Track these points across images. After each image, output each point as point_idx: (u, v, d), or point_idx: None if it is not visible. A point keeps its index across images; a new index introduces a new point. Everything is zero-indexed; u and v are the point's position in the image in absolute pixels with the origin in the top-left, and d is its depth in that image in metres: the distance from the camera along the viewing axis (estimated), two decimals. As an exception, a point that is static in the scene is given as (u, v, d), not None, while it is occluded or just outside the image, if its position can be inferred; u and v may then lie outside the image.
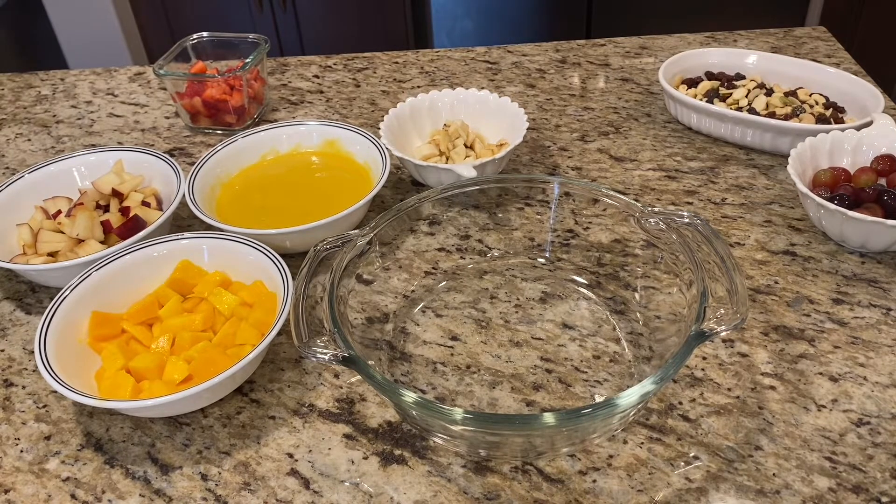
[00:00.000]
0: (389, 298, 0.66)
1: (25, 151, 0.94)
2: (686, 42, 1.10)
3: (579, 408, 0.48)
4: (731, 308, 0.51)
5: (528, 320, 0.63)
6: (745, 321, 0.50)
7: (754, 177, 0.80)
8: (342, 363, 0.50)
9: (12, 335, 0.66)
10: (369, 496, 0.51)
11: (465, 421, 0.47)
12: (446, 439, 0.52)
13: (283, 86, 1.05)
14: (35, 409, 0.59)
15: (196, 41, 0.99)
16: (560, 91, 0.99)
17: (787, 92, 0.86)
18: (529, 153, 0.86)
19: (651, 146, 0.86)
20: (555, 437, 0.50)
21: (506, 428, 0.49)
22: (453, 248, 0.71)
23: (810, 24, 2.20)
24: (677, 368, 0.47)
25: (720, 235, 0.59)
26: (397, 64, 1.10)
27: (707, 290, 0.52)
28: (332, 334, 0.51)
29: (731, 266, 0.53)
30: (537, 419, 0.47)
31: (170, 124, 0.98)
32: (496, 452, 0.52)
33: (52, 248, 0.69)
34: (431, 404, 0.48)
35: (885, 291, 0.64)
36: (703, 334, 0.49)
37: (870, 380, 0.56)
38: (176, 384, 0.55)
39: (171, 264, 0.64)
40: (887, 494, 0.49)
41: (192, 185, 0.72)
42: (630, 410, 0.49)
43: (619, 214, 0.64)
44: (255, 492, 0.51)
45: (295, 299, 0.54)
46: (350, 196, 0.71)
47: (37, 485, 0.53)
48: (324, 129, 0.82)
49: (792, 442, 0.52)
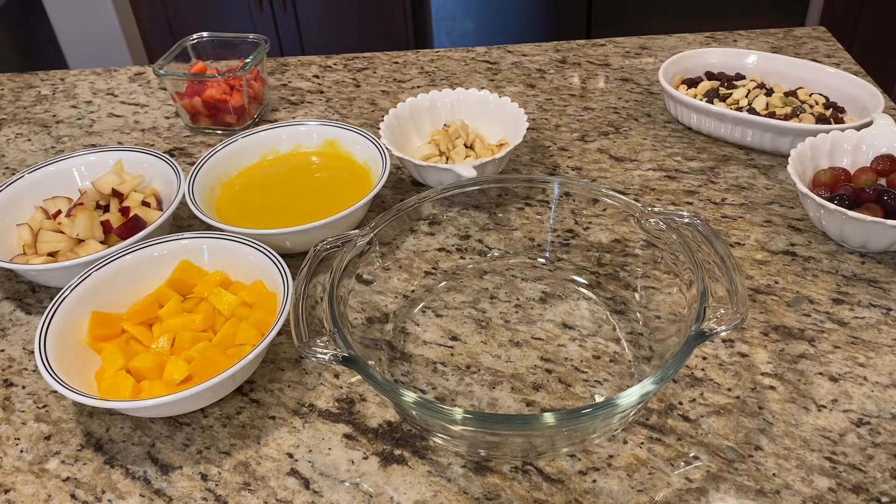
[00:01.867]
0: (389, 298, 0.66)
1: (25, 151, 0.94)
2: (686, 42, 1.10)
3: (579, 408, 0.48)
4: (731, 308, 0.51)
5: (528, 320, 0.63)
6: (745, 321, 0.50)
7: (754, 177, 0.80)
8: (342, 363, 0.50)
9: (12, 335, 0.66)
10: (369, 496, 0.51)
11: (464, 421, 0.47)
12: (446, 439, 0.52)
13: (283, 86, 1.05)
14: (35, 409, 0.59)
15: (196, 41, 0.99)
16: (560, 91, 0.99)
17: (787, 92, 0.86)
18: (529, 153, 0.86)
19: (651, 146, 0.86)
20: (555, 438, 0.50)
21: (506, 428, 0.49)
22: (453, 248, 0.71)
23: (810, 24, 2.20)
24: (677, 368, 0.47)
25: (720, 235, 0.59)
26: (397, 64, 1.10)
27: (707, 290, 0.52)
28: (332, 334, 0.51)
29: (731, 266, 0.53)
30: (537, 419, 0.47)
31: (170, 124, 0.98)
32: (496, 452, 0.52)
33: (52, 248, 0.69)
34: (431, 404, 0.48)
35: (885, 291, 0.64)
36: (703, 334, 0.49)
37: (870, 380, 0.56)
38: (176, 384, 0.55)
39: (171, 264, 0.64)
40: (887, 494, 0.49)
41: (192, 185, 0.72)
42: (630, 410, 0.49)
43: (619, 214, 0.64)
44: (255, 492, 0.51)
45: (295, 299, 0.54)
46: (350, 196, 0.71)
47: (37, 485, 0.53)
48: (324, 129, 0.82)
49: (792, 442, 0.52)
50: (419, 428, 0.53)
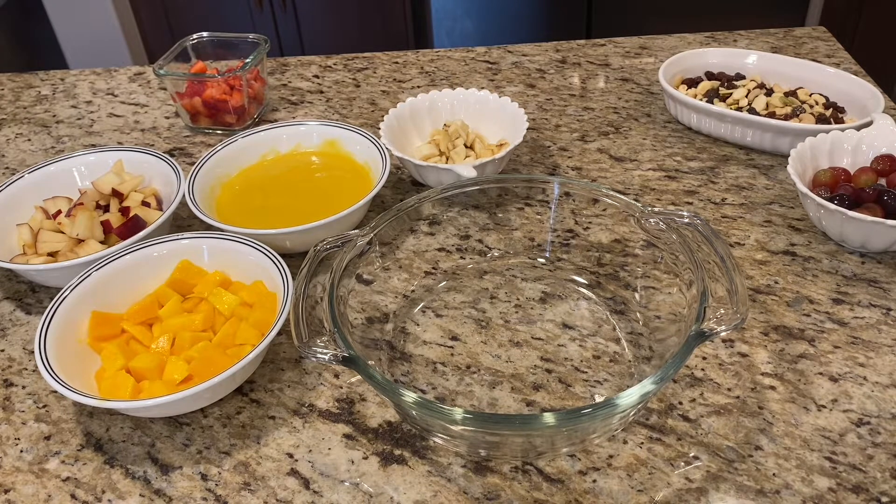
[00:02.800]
0: (389, 298, 0.66)
1: (25, 151, 0.94)
2: (686, 42, 1.10)
3: (579, 408, 0.48)
4: (731, 308, 0.51)
5: (528, 320, 0.63)
6: (745, 321, 0.50)
7: (754, 177, 0.80)
8: (342, 363, 0.50)
9: (12, 335, 0.66)
10: (369, 496, 0.51)
11: (465, 421, 0.47)
12: (446, 439, 0.52)
13: (283, 86, 1.05)
14: (35, 409, 0.59)
15: (196, 41, 0.99)
16: (560, 91, 0.99)
17: (787, 92, 0.87)
18: (529, 153, 0.86)
19: (651, 146, 0.86)
20: (555, 437, 0.50)
21: (506, 428, 0.49)
22: (453, 248, 0.71)
23: (810, 24, 2.20)
24: (677, 368, 0.47)
25: (720, 235, 0.59)
26: (397, 64, 1.10)
27: (707, 290, 0.52)
28: (333, 334, 0.51)
29: (731, 266, 0.53)
30: (537, 419, 0.47)
31: (170, 124, 0.98)
32: (496, 452, 0.52)
33: (52, 248, 0.69)
34: (431, 404, 0.48)
35: (885, 291, 0.64)
36: (703, 334, 0.49)
37: (870, 380, 0.56)
38: (176, 384, 0.55)
39: (171, 264, 0.64)
40: (887, 494, 0.49)
41: (192, 185, 0.72)
42: (630, 410, 0.49)
43: (619, 214, 0.64)
44: (255, 492, 0.51)
45: (295, 299, 0.54)
46: (350, 196, 0.71)
47: (37, 485, 0.53)
48: (324, 129, 0.82)
49: (792, 442, 0.52)
50: (419, 428, 0.53)
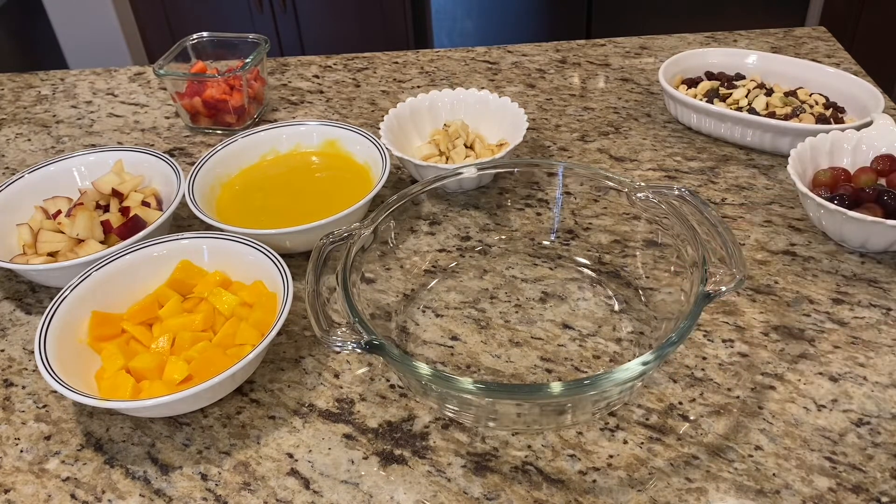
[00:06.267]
0: (390, 297, 0.66)
1: (25, 151, 0.94)
2: (686, 42, 1.10)
3: (586, 377, 0.48)
4: (730, 269, 0.53)
5: (528, 320, 0.63)
6: (745, 279, 0.52)
7: (754, 177, 0.80)
8: (368, 350, 0.50)
9: (12, 335, 0.66)
10: (369, 496, 0.51)
11: (479, 391, 0.48)
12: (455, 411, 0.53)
13: (283, 86, 1.05)
14: (35, 409, 0.59)
15: (196, 41, 0.99)
16: (560, 91, 0.99)
17: (787, 92, 0.86)
18: (529, 153, 0.86)
19: (651, 146, 0.86)
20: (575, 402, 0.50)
21: (517, 397, 0.50)
22: (453, 248, 0.71)
23: (810, 24, 2.20)
24: (690, 329, 0.49)
25: (709, 203, 0.61)
26: (397, 64, 1.10)
27: (706, 253, 0.54)
28: (353, 324, 0.52)
29: (724, 231, 0.56)
30: (545, 388, 0.47)
31: (170, 124, 0.98)
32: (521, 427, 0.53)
33: (52, 248, 0.69)
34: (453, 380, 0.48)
35: (885, 291, 0.64)
36: (709, 295, 0.51)
37: (870, 380, 0.56)
38: (176, 384, 0.55)
39: (171, 264, 0.64)
40: (887, 494, 0.49)
41: (192, 185, 0.72)
42: (637, 381, 0.50)
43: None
44: (255, 492, 0.51)
45: (309, 291, 0.54)
46: (350, 196, 0.71)
47: (37, 485, 0.53)
48: (324, 129, 0.82)
49: (792, 442, 0.52)
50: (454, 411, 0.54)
